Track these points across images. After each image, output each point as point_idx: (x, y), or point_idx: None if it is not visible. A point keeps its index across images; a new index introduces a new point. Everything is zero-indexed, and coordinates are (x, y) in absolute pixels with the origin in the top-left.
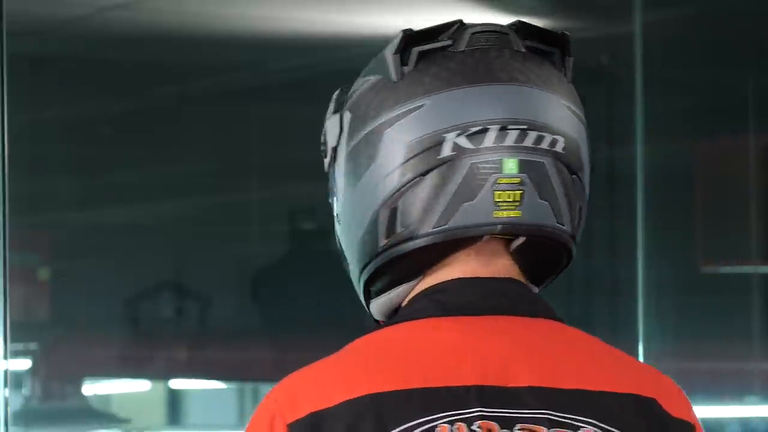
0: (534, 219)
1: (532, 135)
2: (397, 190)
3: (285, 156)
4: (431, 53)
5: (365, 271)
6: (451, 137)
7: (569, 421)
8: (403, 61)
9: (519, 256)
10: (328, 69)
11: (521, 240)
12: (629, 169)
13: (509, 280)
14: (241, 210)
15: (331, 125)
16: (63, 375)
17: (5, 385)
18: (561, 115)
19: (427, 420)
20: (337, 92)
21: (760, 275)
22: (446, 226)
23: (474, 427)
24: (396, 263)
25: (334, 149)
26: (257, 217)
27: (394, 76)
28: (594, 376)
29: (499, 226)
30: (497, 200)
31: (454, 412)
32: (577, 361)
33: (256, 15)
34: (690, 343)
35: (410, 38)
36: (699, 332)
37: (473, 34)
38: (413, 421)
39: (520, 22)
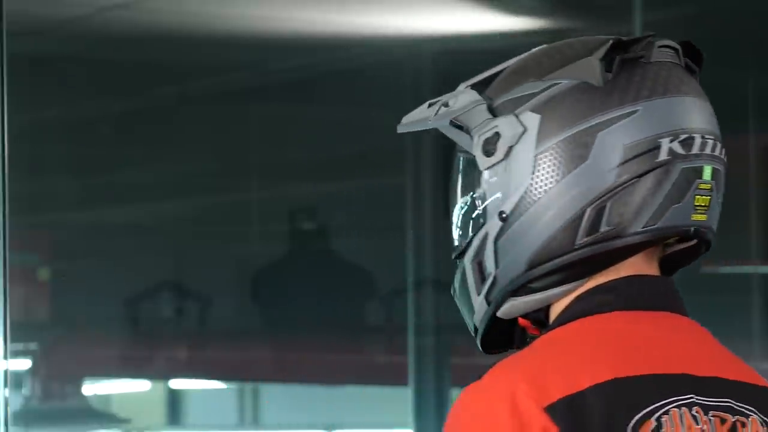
0: (710, 222)
1: (718, 145)
2: (611, 190)
3: (285, 156)
4: (628, 62)
5: (543, 266)
6: (665, 142)
7: (744, 410)
8: (606, 68)
9: (665, 255)
10: (328, 69)
11: (693, 242)
12: None
13: (667, 279)
14: (241, 210)
15: (508, 125)
16: (63, 375)
17: (5, 385)
18: (718, 126)
19: (662, 404)
20: (468, 95)
21: (760, 275)
22: (655, 227)
23: (693, 412)
24: (582, 261)
25: (510, 148)
26: (257, 217)
27: (597, 81)
28: (740, 369)
29: (692, 229)
30: (696, 204)
31: (678, 398)
32: (724, 355)
33: (256, 15)
34: None
35: (615, 47)
36: None
37: (659, 47)
38: (653, 404)
39: (686, 41)
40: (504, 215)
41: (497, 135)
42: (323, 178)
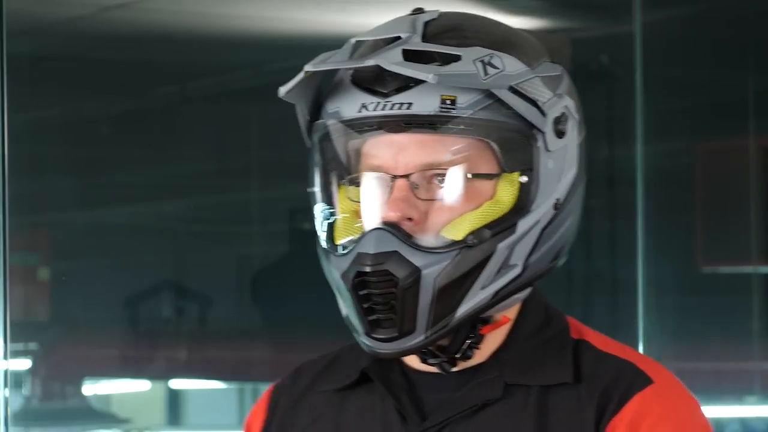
0: None
1: None
2: None
3: (285, 156)
4: None
5: (560, 259)
6: None
7: None
8: None
9: None
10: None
11: None
12: (629, 169)
13: None
14: (241, 210)
15: (572, 106)
16: (63, 375)
17: (5, 385)
18: None
19: None
20: (513, 61)
21: (760, 275)
22: None
23: None
24: None
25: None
26: (257, 217)
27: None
28: None
29: None
30: None
31: None
32: None
33: (256, 15)
34: (690, 343)
35: None
36: (699, 332)
37: None
38: None
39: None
40: (559, 203)
41: (565, 116)
42: None
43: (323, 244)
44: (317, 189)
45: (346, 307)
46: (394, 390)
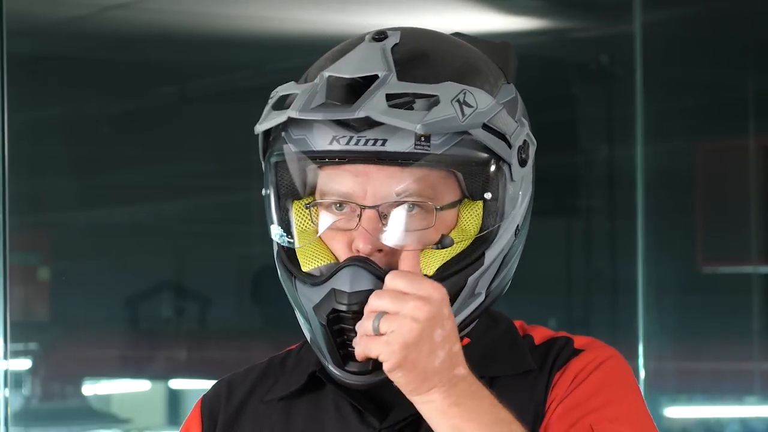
0: None
1: None
2: None
3: None
4: None
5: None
6: None
7: None
8: None
9: None
10: None
11: None
12: (629, 169)
13: None
14: (241, 210)
15: (529, 133)
16: (63, 375)
17: (5, 385)
18: None
19: None
20: (481, 94)
21: (760, 275)
22: None
23: None
24: None
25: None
26: (257, 217)
27: None
28: None
29: None
30: None
31: None
32: None
33: (256, 15)
34: (690, 343)
35: None
36: (699, 332)
37: None
38: None
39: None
40: (518, 229)
41: (527, 143)
42: None
43: (288, 265)
44: (274, 210)
45: (312, 333)
46: (348, 390)
